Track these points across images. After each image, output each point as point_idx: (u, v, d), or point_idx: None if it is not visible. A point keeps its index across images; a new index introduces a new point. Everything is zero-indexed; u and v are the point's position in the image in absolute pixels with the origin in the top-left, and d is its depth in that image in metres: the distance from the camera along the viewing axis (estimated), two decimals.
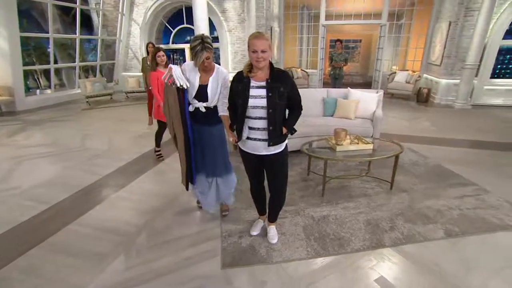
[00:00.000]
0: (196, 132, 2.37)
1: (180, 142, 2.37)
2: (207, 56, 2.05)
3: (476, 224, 2.51)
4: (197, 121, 2.32)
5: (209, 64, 2.13)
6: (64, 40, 9.83)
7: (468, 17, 6.81)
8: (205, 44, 2.02)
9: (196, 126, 2.35)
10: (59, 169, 3.79)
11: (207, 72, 2.19)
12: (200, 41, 2.01)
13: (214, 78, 2.19)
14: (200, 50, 2.01)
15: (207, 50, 2.03)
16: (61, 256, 2.20)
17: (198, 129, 2.35)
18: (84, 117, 6.71)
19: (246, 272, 2.03)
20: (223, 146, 2.44)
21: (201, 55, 2.02)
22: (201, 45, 2.01)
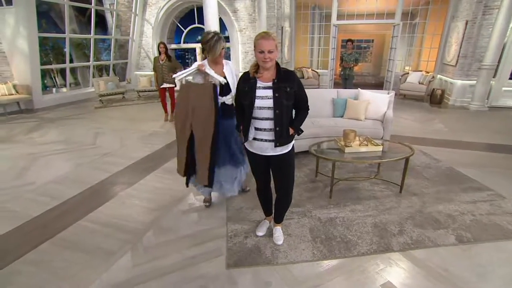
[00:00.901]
0: (220, 127, 2.45)
1: (206, 141, 2.38)
2: (223, 46, 2.21)
3: (490, 230, 2.43)
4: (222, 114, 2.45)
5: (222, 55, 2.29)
6: (79, 40, 10.11)
7: (486, 15, 6.58)
8: (220, 35, 2.21)
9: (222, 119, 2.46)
10: (72, 166, 3.90)
11: (218, 66, 2.31)
12: (213, 34, 2.21)
13: (227, 70, 2.37)
14: (217, 40, 2.18)
15: (223, 41, 2.20)
16: (70, 251, 2.26)
17: (222, 124, 2.45)
18: (97, 115, 6.87)
19: (250, 272, 2.03)
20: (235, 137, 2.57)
21: (218, 46, 2.19)
22: (216, 36, 2.20)
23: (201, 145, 2.41)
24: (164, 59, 5.67)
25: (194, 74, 2.37)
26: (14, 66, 6.96)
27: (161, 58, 5.66)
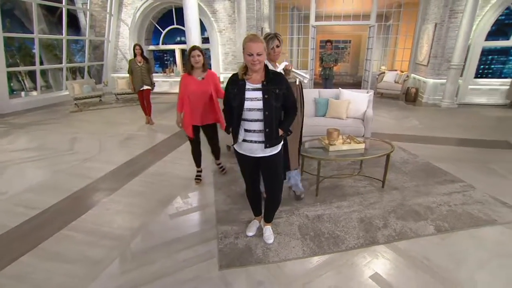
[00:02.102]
0: None
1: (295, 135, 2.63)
2: (277, 43, 2.32)
3: (463, 219, 2.60)
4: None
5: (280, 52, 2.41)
6: (50, 40, 9.61)
7: (452, 19, 7.01)
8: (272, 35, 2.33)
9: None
10: (48, 174, 3.71)
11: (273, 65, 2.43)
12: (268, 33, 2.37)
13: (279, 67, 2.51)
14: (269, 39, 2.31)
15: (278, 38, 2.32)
16: (53, 262, 2.16)
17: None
18: (73, 119, 6.58)
19: (243, 272, 2.04)
20: None
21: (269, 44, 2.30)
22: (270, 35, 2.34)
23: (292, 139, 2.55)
24: (142, 61, 5.54)
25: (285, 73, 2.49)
26: None
27: (138, 60, 5.52)
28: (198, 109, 2.97)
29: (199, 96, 2.92)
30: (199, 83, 2.91)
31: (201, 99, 2.94)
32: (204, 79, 2.93)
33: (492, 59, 8.71)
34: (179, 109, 3.02)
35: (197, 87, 2.91)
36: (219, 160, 3.56)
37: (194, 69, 2.91)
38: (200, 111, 2.99)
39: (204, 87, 2.92)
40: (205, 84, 2.93)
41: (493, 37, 7.61)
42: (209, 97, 2.96)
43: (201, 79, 2.92)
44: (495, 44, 7.70)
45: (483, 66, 8.62)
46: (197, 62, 2.85)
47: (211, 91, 2.96)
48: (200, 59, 2.86)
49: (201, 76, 2.93)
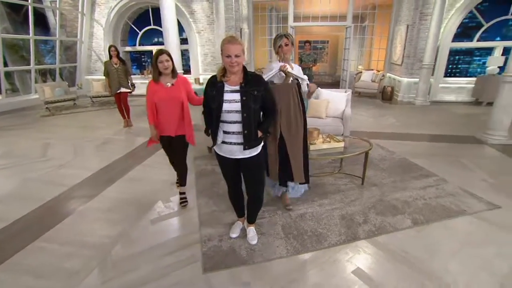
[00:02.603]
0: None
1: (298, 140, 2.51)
2: (285, 42, 2.37)
3: (437, 211, 2.73)
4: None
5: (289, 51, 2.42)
6: (15, 40, 9.05)
7: (422, 21, 7.37)
8: (282, 34, 2.41)
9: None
10: (18, 182, 3.50)
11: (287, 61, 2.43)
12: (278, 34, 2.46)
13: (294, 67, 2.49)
14: (276, 38, 2.41)
15: (287, 37, 2.39)
16: (26, 277, 2.04)
17: None
18: (44, 124, 6.25)
19: (228, 275, 2.03)
20: None
21: (276, 43, 2.40)
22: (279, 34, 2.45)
23: (293, 145, 2.49)
24: (118, 62, 5.37)
25: (277, 74, 2.44)
26: None
27: (114, 62, 5.34)
28: (168, 118, 2.62)
29: (168, 104, 2.56)
30: (168, 90, 2.55)
31: (170, 107, 2.58)
32: (173, 85, 2.57)
33: (459, 59, 9.28)
34: (152, 120, 2.63)
35: (166, 94, 2.54)
36: (185, 186, 2.98)
37: (162, 76, 2.56)
38: (171, 120, 2.63)
39: (173, 94, 2.56)
40: (175, 91, 2.57)
41: (459, 38, 8.08)
42: (181, 105, 2.60)
43: (170, 86, 2.56)
44: (460, 45, 8.17)
45: (451, 66, 9.15)
46: (166, 68, 2.49)
47: (182, 98, 2.60)
48: (169, 64, 2.51)
49: (170, 82, 2.57)
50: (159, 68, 2.50)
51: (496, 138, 4.57)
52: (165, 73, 2.53)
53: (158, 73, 2.54)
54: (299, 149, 2.54)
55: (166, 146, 2.79)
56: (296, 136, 2.51)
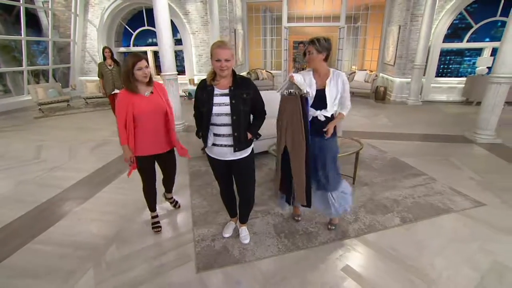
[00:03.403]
0: (312, 144, 2.17)
1: (299, 159, 2.12)
2: (309, 49, 2.06)
3: (425, 209, 2.81)
4: (314, 132, 2.16)
5: (313, 60, 2.07)
6: (6, 41, 8.97)
7: (414, 22, 7.48)
8: (310, 41, 2.07)
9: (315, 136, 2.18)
10: (11, 185, 3.50)
11: (322, 76, 2.11)
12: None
13: (332, 80, 2.08)
14: (305, 45, 2.11)
15: (311, 44, 2.04)
16: (21, 279, 2.07)
17: (315, 141, 2.19)
18: (38, 126, 6.23)
19: (221, 273, 2.08)
20: (335, 160, 2.27)
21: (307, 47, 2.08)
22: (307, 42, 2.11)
23: (294, 162, 2.17)
24: (112, 64, 5.37)
25: (289, 85, 2.10)
26: None
27: (108, 63, 5.34)
28: (154, 133, 2.26)
29: (151, 115, 2.19)
30: (148, 99, 2.18)
31: (155, 119, 2.23)
32: (153, 93, 2.23)
33: (450, 59, 9.44)
34: (124, 141, 2.20)
35: (147, 105, 2.17)
36: (171, 194, 2.86)
37: (138, 84, 2.16)
38: (158, 135, 2.28)
39: (155, 102, 2.21)
40: (156, 99, 2.23)
41: (450, 39, 8.23)
42: (165, 114, 2.26)
43: (149, 94, 2.21)
44: (451, 46, 8.30)
45: (443, 66, 9.30)
46: (145, 75, 2.13)
47: (166, 106, 2.27)
48: (149, 71, 2.16)
49: (148, 90, 2.21)
50: (137, 76, 2.10)
51: (484, 137, 4.68)
52: (144, 81, 2.16)
53: (135, 82, 2.14)
54: (300, 166, 2.16)
55: (148, 168, 2.38)
56: (297, 152, 2.14)
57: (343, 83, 2.09)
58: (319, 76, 2.12)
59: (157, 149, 2.32)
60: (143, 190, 2.51)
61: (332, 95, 2.09)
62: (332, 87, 2.09)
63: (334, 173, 2.28)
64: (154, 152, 2.32)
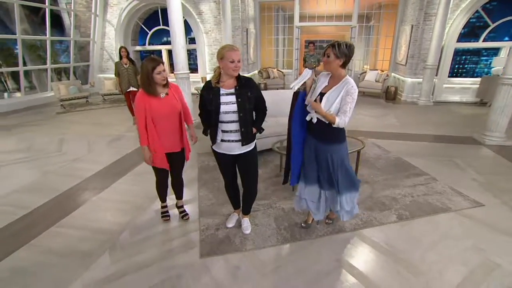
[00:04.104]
0: (308, 145, 2.25)
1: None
2: (327, 52, 1.98)
3: (423, 208, 2.90)
4: (310, 132, 2.22)
5: (329, 64, 2.00)
6: (33, 41, 9.51)
7: (427, 21, 7.39)
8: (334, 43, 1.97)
9: (309, 138, 2.23)
10: (37, 174, 3.83)
11: (335, 81, 2.04)
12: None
13: (337, 87, 2.00)
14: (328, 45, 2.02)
15: (331, 47, 1.97)
16: (47, 256, 2.33)
17: (311, 142, 2.23)
18: (59, 121, 6.63)
19: (222, 260, 2.26)
20: (342, 167, 2.21)
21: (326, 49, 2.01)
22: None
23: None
24: (128, 63, 5.66)
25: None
26: None
27: (124, 63, 5.63)
28: (171, 133, 2.39)
29: (166, 116, 2.31)
30: (163, 101, 2.29)
31: (171, 120, 2.35)
32: (168, 94, 2.33)
33: (466, 59, 9.21)
34: (144, 142, 2.32)
35: (162, 106, 2.28)
36: (182, 201, 2.89)
37: (157, 87, 2.26)
38: (174, 135, 2.42)
39: (171, 104, 2.32)
40: (172, 100, 2.33)
41: (466, 38, 8.06)
42: (179, 114, 2.38)
43: (165, 96, 2.31)
44: (465, 45, 8.12)
45: (458, 66, 9.10)
46: (164, 78, 2.24)
47: (180, 107, 2.37)
48: (166, 74, 2.26)
49: (164, 92, 2.31)
50: (156, 80, 2.21)
51: (493, 139, 4.64)
52: (162, 83, 2.27)
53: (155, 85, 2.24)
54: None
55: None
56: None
57: (346, 92, 1.96)
58: (333, 80, 2.07)
59: (172, 147, 2.45)
60: (156, 184, 2.68)
61: (329, 100, 2.01)
62: (333, 93, 2.01)
63: (344, 178, 2.22)
64: (169, 150, 2.44)
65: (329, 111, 2.01)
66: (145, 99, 2.24)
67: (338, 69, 2.02)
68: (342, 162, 2.21)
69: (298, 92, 2.19)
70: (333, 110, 2.00)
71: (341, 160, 2.20)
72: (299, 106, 2.19)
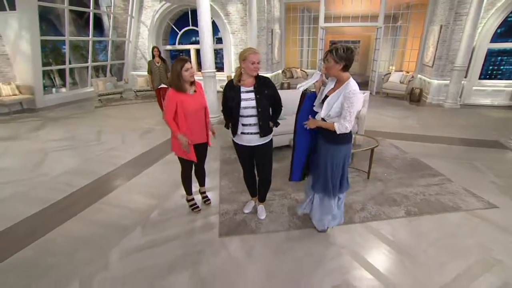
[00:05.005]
0: (315, 143, 2.37)
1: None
2: (327, 58, 2.06)
3: (433, 206, 2.98)
4: (318, 132, 2.29)
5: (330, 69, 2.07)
6: (77, 41, 10.44)
7: (457, 21, 7.18)
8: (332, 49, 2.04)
9: (318, 137, 2.32)
10: (81, 160, 4.35)
11: (339, 83, 2.10)
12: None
13: (338, 91, 2.06)
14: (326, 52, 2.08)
15: (329, 53, 2.04)
16: (91, 226, 2.75)
17: (317, 141, 2.33)
18: (97, 114, 7.28)
19: (238, 239, 2.54)
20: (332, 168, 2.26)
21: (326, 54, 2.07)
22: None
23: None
24: (160, 61, 6.12)
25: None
26: (16, 67, 7.32)
27: (156, 61, 6.10)
28: (199, 126, 2.63)
29: (195, 111, 2.55)
30: (193, 98, 2.53)
31: (199, 115, 2.60)
32: (196, 92, 2.58)
33: (502, 60, 8.74)
34: (177, 130, 2.52)
35: (193, 101, 2.52)
36: (205, 188, 3.16)
37: (185, 84, 2.49)
38: (202, 127, 2.66)
39: (199, 101, 2.58)
40: (199, 97, 2.59)
41: (502, 39, 7.68)
42: (204, 110, 2.65)
43: (193, 93, 2.55)
44: (499, 46, 7.74)
45: (492, 67, 8.67)
46: (192, 75, 2.47)
47: (205, 103, 2.66)
48: (193, 71, 2.49)
49: (192, 89, 2.55)
50: (184, 77, 2.43)
51: None
52: (190, 80, 2.50)
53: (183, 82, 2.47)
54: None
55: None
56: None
57: (344, 97, 1.99)
58: (338, 84, 2.12)
59: (199, 139, 2.67)
60: (182, 175, 2.90)
61: (329, 104, 2.07)
62: (333, 96, 2.06)
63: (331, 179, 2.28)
64: (197, 141, 2.65)
65: (328, 115, 2.08)
66: (176, 95, 2.47)
67: (340, 73, 2.06)
68: (339, 163, 2.26)
69: (306, 94, 2.30)
70: (332, 114, 2.05)
71: (339, 161, 2.25)
72: (306, 107, 2.30)
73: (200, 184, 3.14)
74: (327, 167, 2.26)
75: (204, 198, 3.15)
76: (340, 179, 2.33)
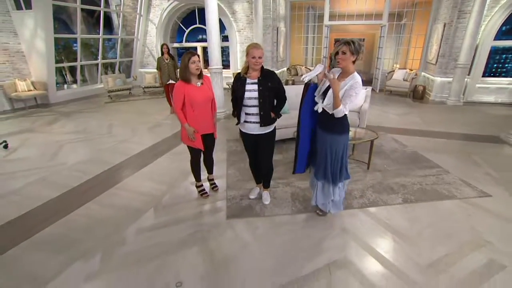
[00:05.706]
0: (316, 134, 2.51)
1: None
2: (343, 50, 2.15)
3: (429, 194, 3.14)
4: (318, 122, 2.45)
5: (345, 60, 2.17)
6: (87, 39, 10.73)
7: (461, 19, 7.25)
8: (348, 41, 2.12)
9: (318, 127, 2.47)
10: (94, 151, 4.58)
11: (343, 75, 2.23)
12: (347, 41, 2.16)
13: (345, 81, 2.17)
14: (340, 44, 2.18)
15: (346, 45, 2.13)
16: (108, 208, 2.97)
17: (318, 132, 2.47)
18: (108, 109, 7.54)
19: (244, 221, 2.73)
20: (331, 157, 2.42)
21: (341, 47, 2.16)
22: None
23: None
24: (168, 58, 6.33)
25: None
26: (31, 64, 7.62)
27: (165, 58, 6.32)
28: (205, 117, 2.78)
29: (203, 103, 2.71)
30: (199, 89, 2.69)
31: (205, 106, 2.75)
32: (203, 84, 2.73)
33: (506, 57, 8.76)
34: (184, 120, 2.71)
35: (200, 93, 2.68)
36: (213, 175, 3.33)
37: (192, 76, 2.65)
38: (207, 119, 2.81)
39: (205, 93, 2.72)
40: (206, 90, 2.74)
41: (507, 36, 7.72)
42: (211, 102, 2.81)
43: (200, 85, 2.71)
44: (503, 43, 7.79)
45: (496, 65, 8.70)
46: (198, 68, 2.61)
47: (212, 96, 2.80)
48: (200, 64, 2.65)
49: (199, 82, 2.71)
50: (191, 69, 2.58)
51: None
52: (196, 73, 2.64)
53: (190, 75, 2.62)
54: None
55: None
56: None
57: (350, 87, 2.15)
58: (342, 76, 2.24)
59: (206, 129, 2.84)
60: (191, 163, 3.06)
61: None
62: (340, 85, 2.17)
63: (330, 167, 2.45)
64: (204, 132, 2.82)
65: (330, 103, 2.21)
66: (183, 86, 2.63)
67: (350, 65, 2.20)
68: (338, 152, 2.41)
69: (309, 85, 2.41)
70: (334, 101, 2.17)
71: (338, 150, 2.40)
72: (309, 97, 2.42)
73: (209, 172, 3.31)
74: (327, 156, 2.43)
75: (212, 185, 3.34)
76: (340, 168, 2.49)
